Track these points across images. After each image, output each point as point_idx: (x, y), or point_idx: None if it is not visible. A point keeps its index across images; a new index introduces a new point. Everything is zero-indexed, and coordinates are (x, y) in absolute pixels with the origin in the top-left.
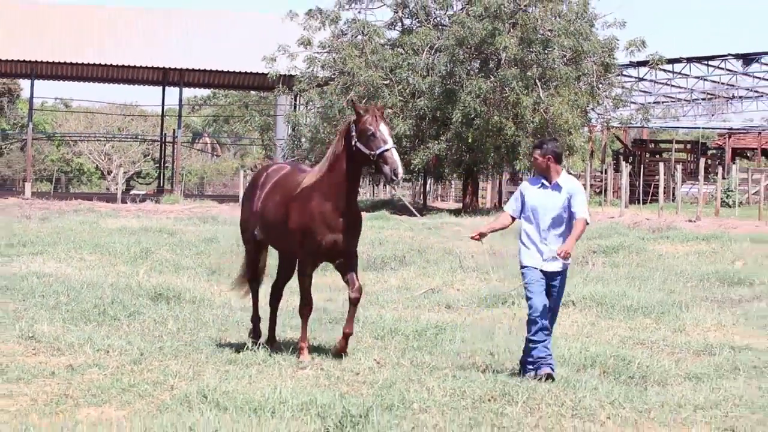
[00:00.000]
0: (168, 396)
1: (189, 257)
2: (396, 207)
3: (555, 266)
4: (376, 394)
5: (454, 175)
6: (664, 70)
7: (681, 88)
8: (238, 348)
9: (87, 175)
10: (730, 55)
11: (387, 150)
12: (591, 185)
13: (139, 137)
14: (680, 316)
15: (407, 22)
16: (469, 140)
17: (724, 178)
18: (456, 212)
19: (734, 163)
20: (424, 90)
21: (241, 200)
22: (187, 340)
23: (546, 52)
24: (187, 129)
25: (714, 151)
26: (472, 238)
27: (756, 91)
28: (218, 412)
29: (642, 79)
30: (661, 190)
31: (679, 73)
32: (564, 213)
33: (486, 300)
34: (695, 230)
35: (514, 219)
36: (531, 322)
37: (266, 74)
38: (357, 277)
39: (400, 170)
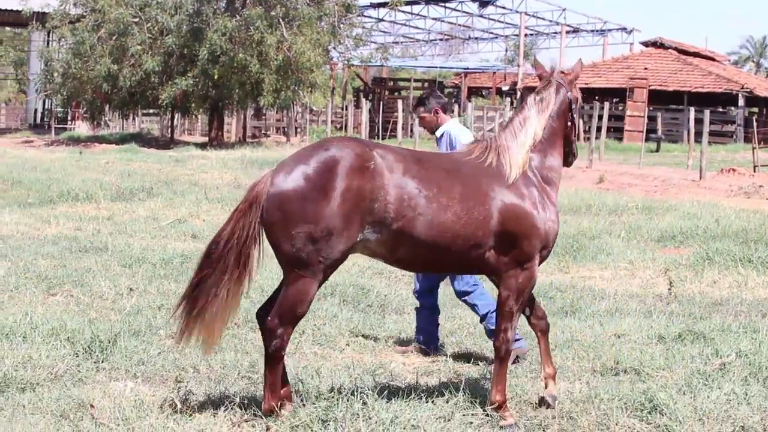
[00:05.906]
0: None
1: None
2: (145, 140)
3: None
4: (123, 321)
5: (201, 110)
6: (404, 12)
7: (419, 29)
8: None
9: None
10: None
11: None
12: (332, 121)
13: None
14: None
15: None
16: (215, 77)
17: (460, 115)
18: (202, 146)
19: (470, 101)
20: (172, 28)
21: (294, 201)
22: None
23: None
24: None
25: (451, 90)
26: None
27: (491, 33)
28: None
29: (382, 20)
30: (399, 126)
31: (418, 15)
32: None
33: None
34: None
35: None
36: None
37: (20, 11)
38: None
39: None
